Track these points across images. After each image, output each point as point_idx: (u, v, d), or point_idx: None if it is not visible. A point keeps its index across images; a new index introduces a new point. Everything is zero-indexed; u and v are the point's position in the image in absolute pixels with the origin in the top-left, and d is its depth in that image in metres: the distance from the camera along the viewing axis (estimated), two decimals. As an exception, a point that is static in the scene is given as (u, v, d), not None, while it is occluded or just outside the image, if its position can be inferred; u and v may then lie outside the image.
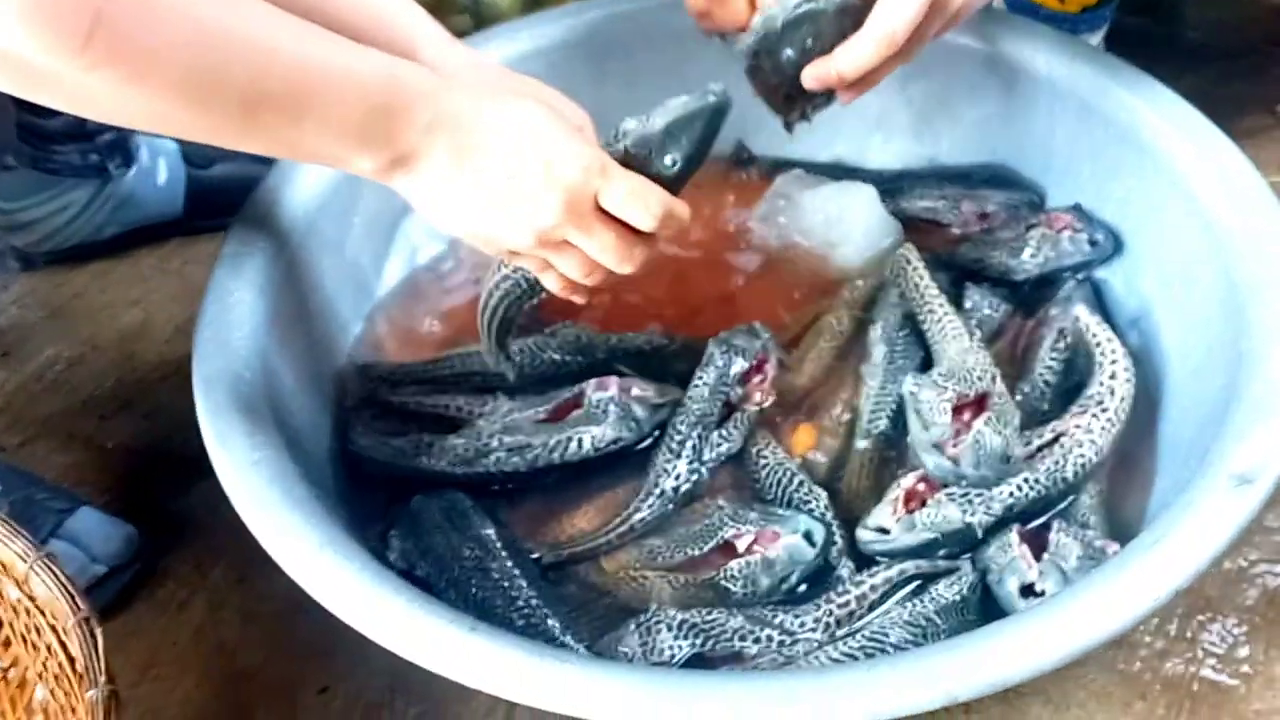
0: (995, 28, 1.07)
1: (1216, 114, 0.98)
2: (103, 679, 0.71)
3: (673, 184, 0.76)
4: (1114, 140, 1.01)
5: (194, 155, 1.26)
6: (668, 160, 0.75)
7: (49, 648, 0.77)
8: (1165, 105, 0.98)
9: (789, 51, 0.84)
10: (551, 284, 0.80)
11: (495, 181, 0.72)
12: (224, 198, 1.23)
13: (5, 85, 0.63)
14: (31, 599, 0.77)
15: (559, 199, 0.72)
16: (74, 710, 0.75)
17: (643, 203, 0.73)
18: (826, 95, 0.87)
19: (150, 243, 1.29)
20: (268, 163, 1.21)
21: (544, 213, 0.72)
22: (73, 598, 0.74)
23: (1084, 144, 1.04)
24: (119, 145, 1.19)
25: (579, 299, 0.82)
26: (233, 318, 0.88)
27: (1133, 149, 0.99)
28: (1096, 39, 1.20)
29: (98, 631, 0.73)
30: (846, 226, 1.07)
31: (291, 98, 0.68)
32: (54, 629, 0.76)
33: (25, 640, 0.80)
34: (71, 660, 0.74)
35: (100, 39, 0.61)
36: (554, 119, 0.73)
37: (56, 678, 0.77)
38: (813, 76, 0.84)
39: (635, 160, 0.75)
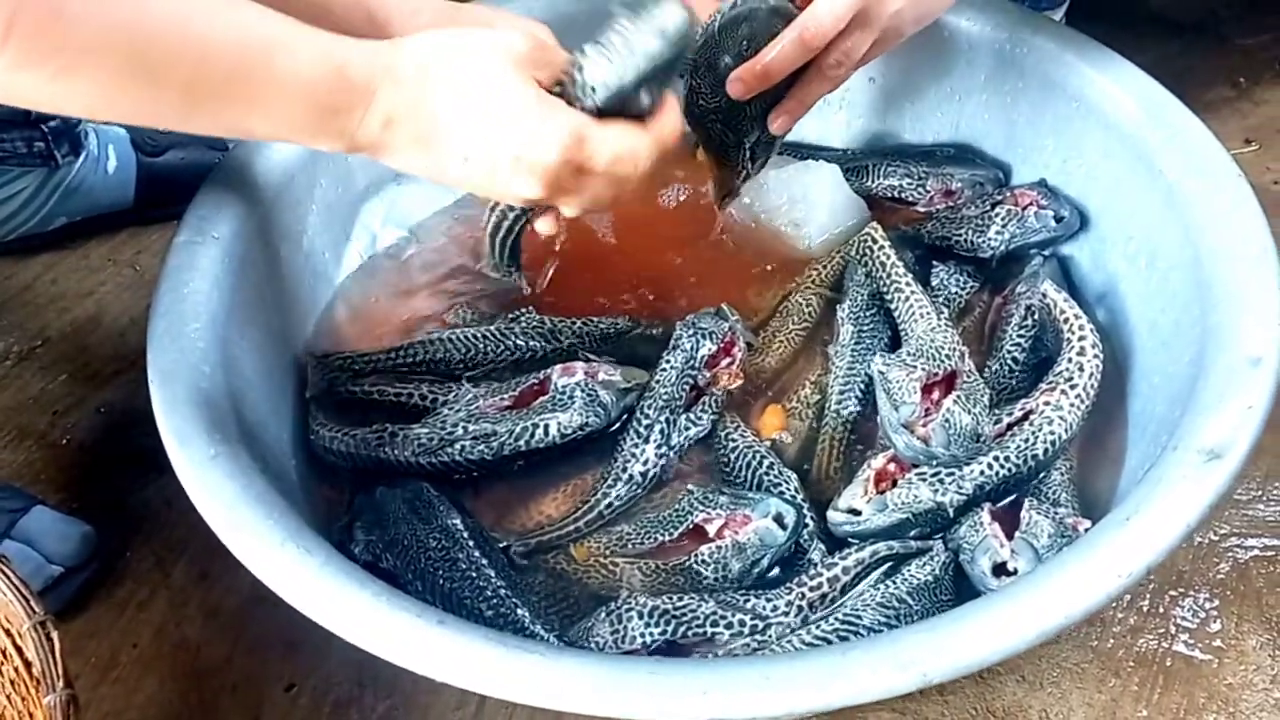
0: (956, 4, 1.06)
1: (1179, 86, 0.97)
2: (60, 683, 0.69)
3: (651, 109, 0.74)
4: (1077, 115, 1.00)
5: (145, 142, 1.24)
6: (644, 101, 0.73)
7: (3, 653, 0.75)
8: (1127, 79, 0.98)
9: (727, 58, 0.83)
10: (567, 212, 0.78)
11: (471, 170, 0.71)
12: (177, 186, 1.21)
13: None
14: (-16, 603, 0.75)
15: (539, 181, 0.71)
16: (31, 716, 0.73)
17: (631, 162, 0.72)
18: (766, 140, 0.89)
19: (101, 233, 1.26)
20: (222, 149, 1.20)
21: (529, 191, 0.72)
22: (27, 601, 0.72)
23: (1047, 119, 1.03)
24: (66, 132, 1.16)
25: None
26: (187, 309, 0.86)
27: (1096, 124, 0.98)
28: (1058, 14, 1.19)
29: (54, 634, 0.71)
30: (811, 206, 1.06)
31: (233, 95, 0.67)
32: (8, 633, 0.74)
33: (-22, 645, 0.78)
34: (28, 665, 0.72)
35: (14, 43, 0.60)
36: (516, 86, 0.70)
37: (13, 683, 0.75)
38: (738, 78, 0.83)
39: (610, 110, 0.72)
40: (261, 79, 0.67)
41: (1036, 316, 0.95)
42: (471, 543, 0.82)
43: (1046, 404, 0.87)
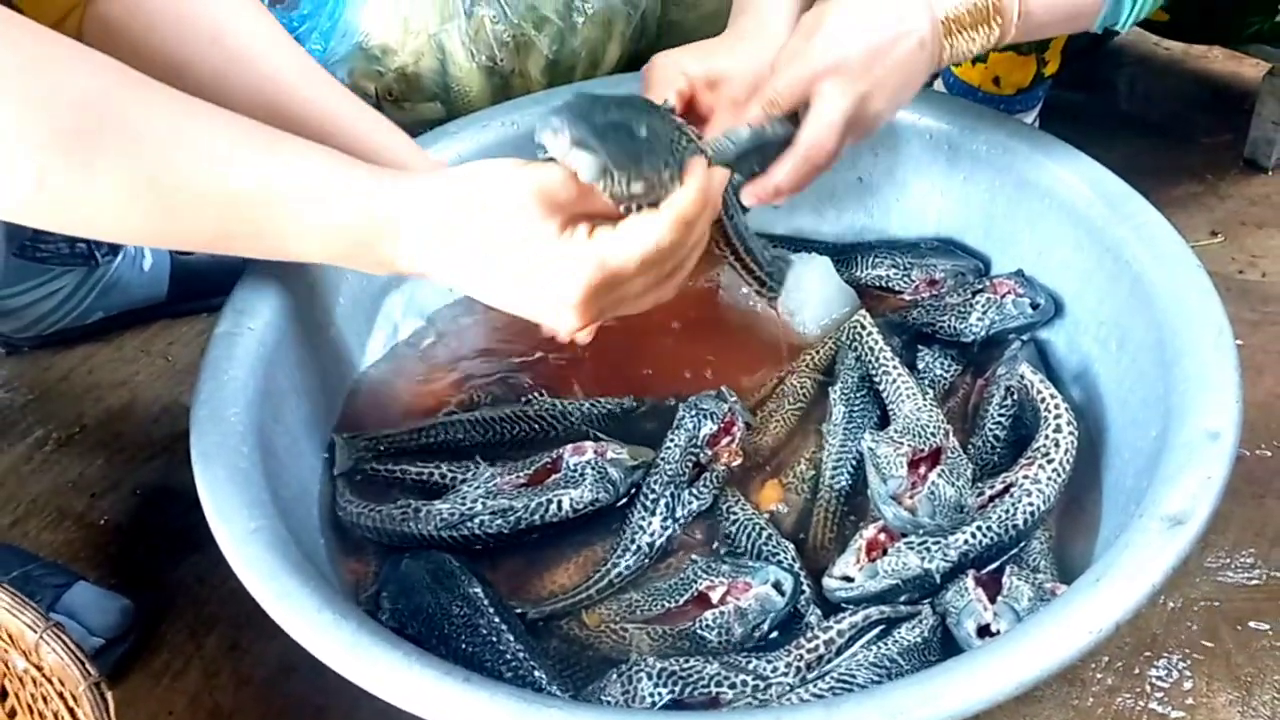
0: (936, 109, 1.15)
1: (1150, 182, 1.05)
2: (115, 740, 0.74)
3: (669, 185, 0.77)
4: (1050, 211, 1.08)
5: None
6: (663, 193, 0.76)
7: (56, 715, 0.81)
8: (1094, 177, 1.06)
9: (738, 177, 0.92)
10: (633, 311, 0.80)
11: (511, 294, 0.75)
12: (207, 282, 1.29)
13: None
14: (39, 668, 0.81)
15: (579, 315, 0.75)
16: (85, 772, 0.78)
17: (658, 252, 0.74)
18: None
19: (135, 325, 1.33)
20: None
21: (574, 324, 0.75)
22: (83, 664, 0.77)
23: (1022, 215, 1.11)
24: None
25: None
26: (227, 395, 0.93)
27: (1067, 219, 1.06)
28: (1030, 117, 1.28)
29: (108, 695, 0.76)
30: (804, 295, 1.14)
31: (263, 236, 0.72)
32: (62, 696, 0.80)
33: (32, 710, 0.83)
34: (80, 726, 0.77)
35: (46, 195, 0.66)
36: (532, 232, 0.73)
37: (68, 742, 0.80)
38: (751, 193, 0.93)
39: (634, 207, 0.75)
40: (294, 230, 0.73)
41: (1016, 396, 1.01)
42: (491, 609, 0.87)
43: (1025, 477, 0.94)
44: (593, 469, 0.96)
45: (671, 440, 0.98)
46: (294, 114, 0.92)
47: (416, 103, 1.52)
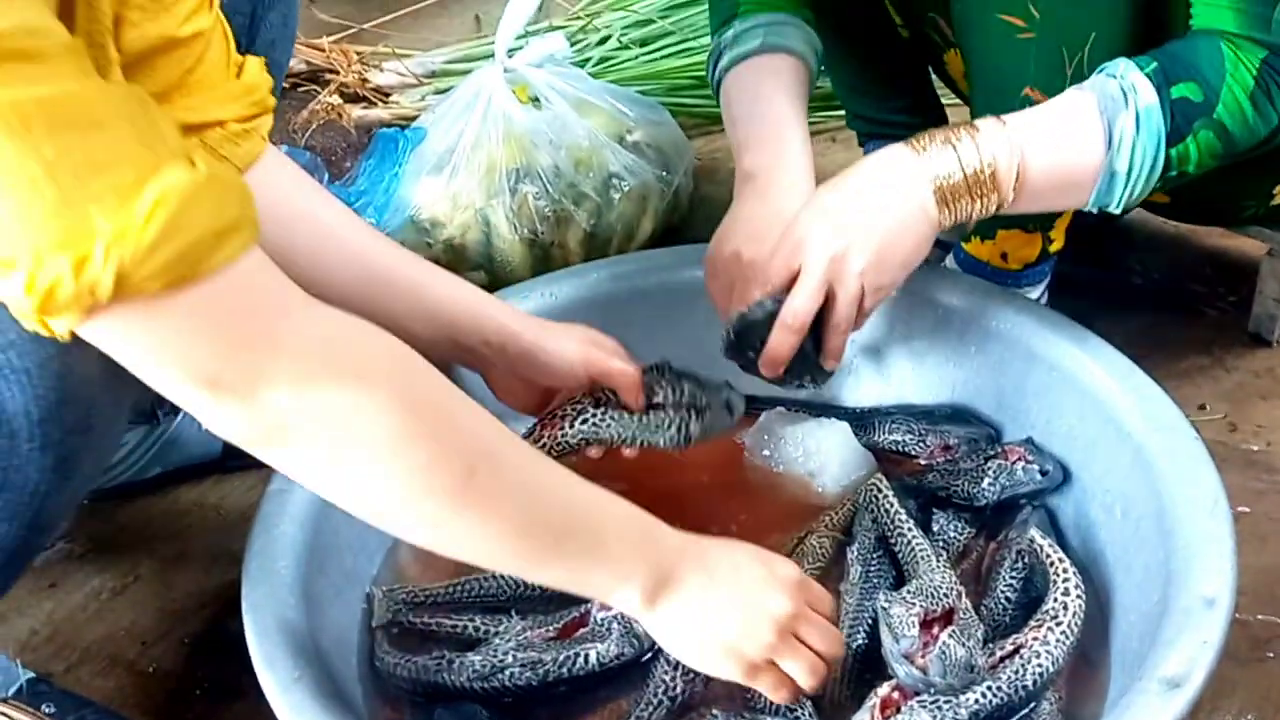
0: (947, 285, 1.23)
1: (1158, 355, 1.11)
2: None
3: None
4: (1056, 383, 1.14)
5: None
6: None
7: None
8: (1096, 350, 1.12)
9: (750, 353, 1.05)
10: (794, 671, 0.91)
11: (738, 588, 0.88)
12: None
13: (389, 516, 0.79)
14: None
15: (790, 593, 0.89)
16: None
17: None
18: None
19: (190, 480, 1.40)
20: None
21: (782, 603, 0.88)
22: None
23: (1031, 386, 1.17)
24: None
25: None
26: (277, 549, 0.99)
27: (1073, 391, 1.12)
28: (1038, 292, 1.35)
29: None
30: (824, 458, 1.19)
31: (590, 533, 0.83)
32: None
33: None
34: None
35: (473, 490, 0.77)
36: (768, 555, 0.92)
37: None
38: (764, 365, 1.04)
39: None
40: (607, 512, 0.85)
41: (1026, 560, 1.06)
42: (520, 760, 0.92)
43: (1035, 639, 0.97)
44: (619, 623, 1.00)
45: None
46: (387, 280, 1.04)
47: (462, 271, 1.61)
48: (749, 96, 1.22)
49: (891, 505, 1.10)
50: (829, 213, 1.02)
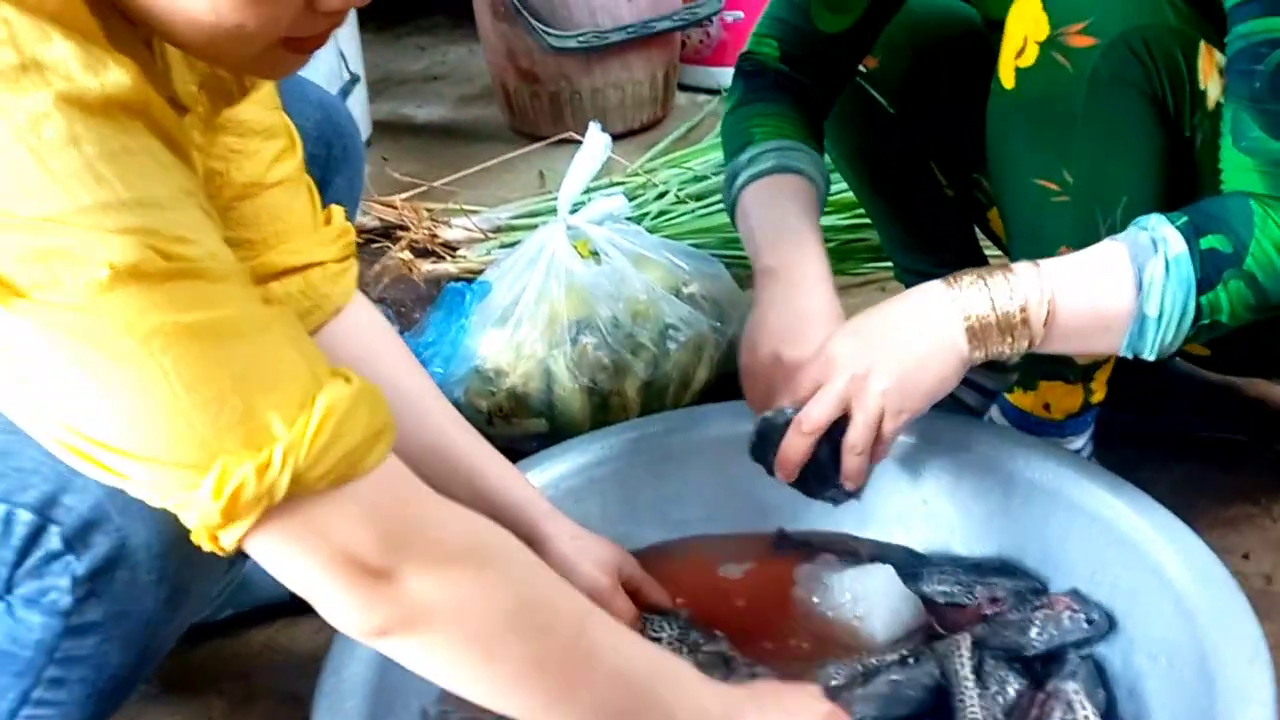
0: (992, 437, 1.27)
1: (1203, 503, 1.14)
2: None
3: None
4: (1098, 533, 1.17)
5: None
6: None
7: None
8: (1138, 503, 1.15)
9: (771, 455, 1.10)
10: None
11: None
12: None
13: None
14: None
15: None
16: None
17: None
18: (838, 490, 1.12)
19: (259, 622, 1.45)
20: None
21: None
22: None
23: (1075, 537, 1.20)
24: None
25: None
26: (346, 688, 1.04)
27: (1115, 542, 1.15)
28: (1081, 442, 1.38)
29: None
30: (872, 605, 1.22)
31: (666, 707, 0.88)
32: None
33: None
34: None
35: (570, 675, 0.85)
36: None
37: None
38: (778, 468, 1.10)
39: None
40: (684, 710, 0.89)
41: (1074, 711, 1.08)
42: None
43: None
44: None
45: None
46: (450, 458, 1.12)
47: (523, 418, 1.68)
48: (765, 207, 1.29)
49: (964, 667, 1.12)
50: (859, 334, 1.08)
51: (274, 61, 0.80)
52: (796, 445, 1.08)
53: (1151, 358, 1.09)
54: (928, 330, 1.06)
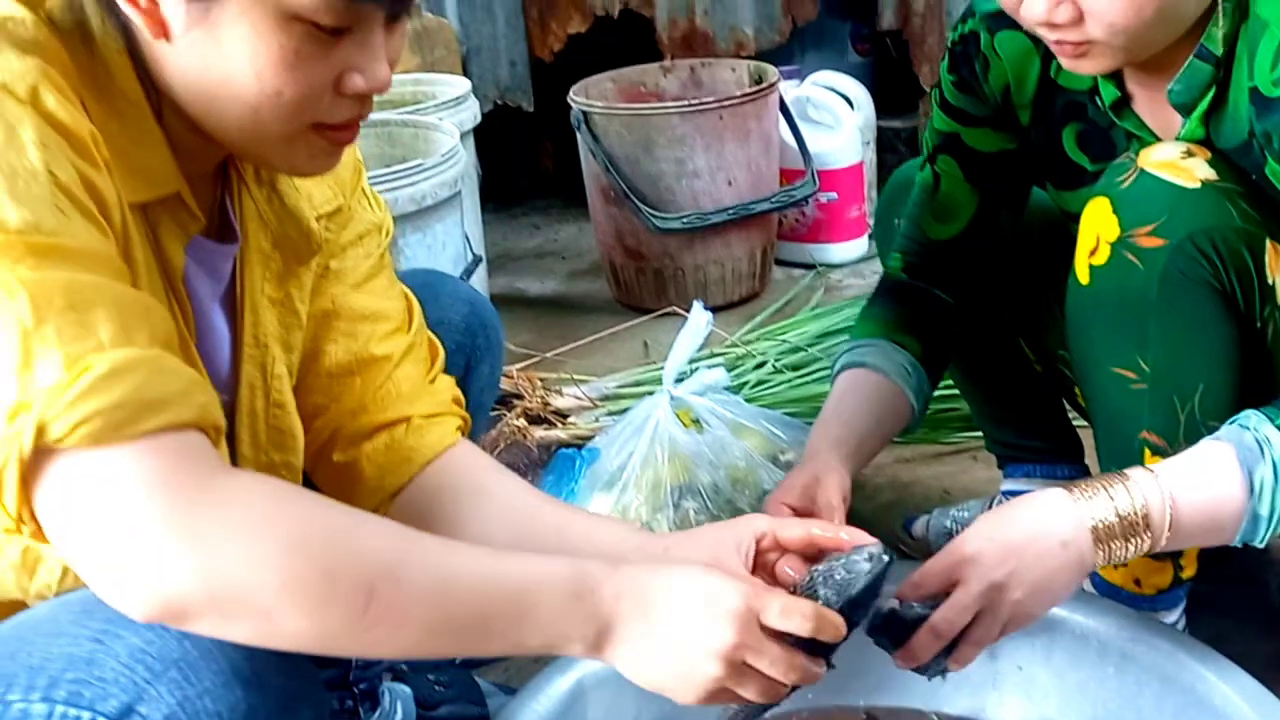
0: (1087, 608, 1.31)
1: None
2: None
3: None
4: (1191, 706, 1.20)
5: (424, 698, 1.54)
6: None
7: None
8: (1229, 676, 1.18)
9: (899, 637, 1.12)
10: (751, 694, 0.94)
11: (676, 625, 0.90)
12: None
13: (308, 648, 0.86)
14: None
15: (730, 624, 0.90)
16: None
17: (798, 614, 0.92)
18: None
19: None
20: (481, 704, 1.49)
21: (722, 636, 0.90)
22: None
23: (1168, 709, 1.23)
24: (370, 693, 1.47)
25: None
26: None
27: (1208, 714, 1.18)
28: (1174, 616, 1.41)
29: None
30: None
31: (512, 609, 0.90)
32: None
33: None
34: None
35: (374, 611, 0.84)
36: (711, 579, 0.92)
37: None
38: (900, 658, 1.12)
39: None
40: (530, 586, 0.90)
41: None
42: None
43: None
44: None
45: None
46: (538, 529, 1.14)
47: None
48: (833, 397, 1.46)
49: None
50: (996, 541, 1.10)
51: (310, 149, 0.91)
52: (928, 646, 1.11)
53: (1261, 546, 1.13)
54: (1060, 542, 1.09)
